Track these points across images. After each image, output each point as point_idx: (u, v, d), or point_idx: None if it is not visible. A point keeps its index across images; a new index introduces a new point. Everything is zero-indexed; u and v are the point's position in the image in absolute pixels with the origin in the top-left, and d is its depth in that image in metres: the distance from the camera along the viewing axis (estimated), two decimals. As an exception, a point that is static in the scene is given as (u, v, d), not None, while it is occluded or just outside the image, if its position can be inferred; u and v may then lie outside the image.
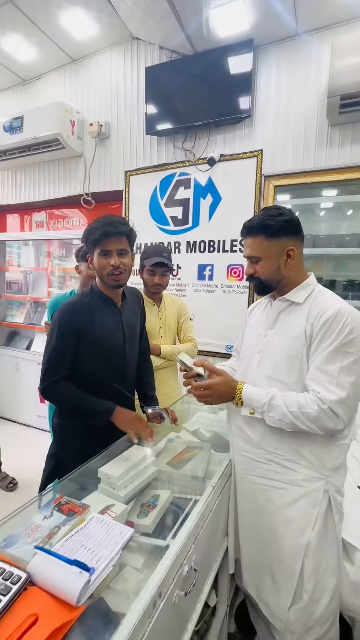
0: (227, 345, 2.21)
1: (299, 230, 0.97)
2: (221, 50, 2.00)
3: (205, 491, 0.94)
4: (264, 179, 2.06)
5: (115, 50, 2.49)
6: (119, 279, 1.12)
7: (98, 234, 1.07)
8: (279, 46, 1.97)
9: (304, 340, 0.90)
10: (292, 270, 0.97)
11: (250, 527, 1.04)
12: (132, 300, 1.30)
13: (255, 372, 1.01)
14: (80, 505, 0.78)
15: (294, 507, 0.93)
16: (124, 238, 1.11)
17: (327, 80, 1.78)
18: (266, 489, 0.97)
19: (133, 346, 1.25)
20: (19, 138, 2.67)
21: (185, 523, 0.82)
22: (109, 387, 1.18)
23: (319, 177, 1.91)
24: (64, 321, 1.10)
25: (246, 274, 1.02)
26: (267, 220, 0.93)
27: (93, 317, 1.13)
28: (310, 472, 0.92)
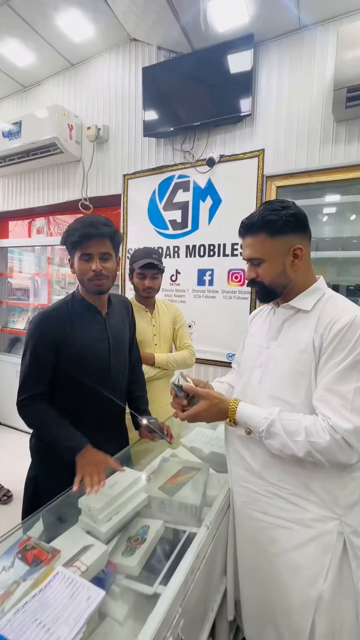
0: (229, 354, 2.10)
1: (306, 226, 0.84)
2: (220, 47, 1.93)
3: (198, 533, 0.82)
4: (265, 179, 1.97)
5: (114, 53, 2.45)
6: (100, 285, 1.02)
7: (78, 236, 0.97)
8: (280, 41, 1.89)
9: (312, 354, 0.78)
10: (299, 273, 0.84)
11: (250, 570, 0.91)
12: (119, 308, 1.20)
13: (255, 390, 0.89)
14: (49, 551, 0.67)
15: (302, 552, 0.79)
16: (107, 241, 1.01)
17: (332, 73, 1.68)
18: (269, 527, 0.84)
19: (120, 357, 1.14)
20: (18, 143, 2.64)
21: (175, 573, 0.69)
22: (94, 400, 1.08)
23: (325, 176, 1.81)
24: (38, 333, 0.99)
25: (247, 279, 0.89)
26: (269, 215, 0.81)
27: (73, 326, 1.02)
28: (321, 510, 0.78)
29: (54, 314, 1.03)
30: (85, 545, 0.75)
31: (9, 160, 2.81)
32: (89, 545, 0.76)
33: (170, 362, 1.57)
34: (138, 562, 0.81)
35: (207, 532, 0.80)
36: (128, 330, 1.22)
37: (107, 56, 2.48)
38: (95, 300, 1.08)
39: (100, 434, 1.07)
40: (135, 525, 0.94)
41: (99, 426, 1.09)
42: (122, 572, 0.81)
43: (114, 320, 1.14)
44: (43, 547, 0.67)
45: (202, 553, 0.75)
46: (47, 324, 1.00)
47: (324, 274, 0.93)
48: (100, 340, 1.07)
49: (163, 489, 1.04)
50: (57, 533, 0.81)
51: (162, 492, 1.02)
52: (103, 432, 1.10)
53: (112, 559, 0.82)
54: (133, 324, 1.28)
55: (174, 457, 1.24)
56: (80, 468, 0.92)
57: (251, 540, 0.89)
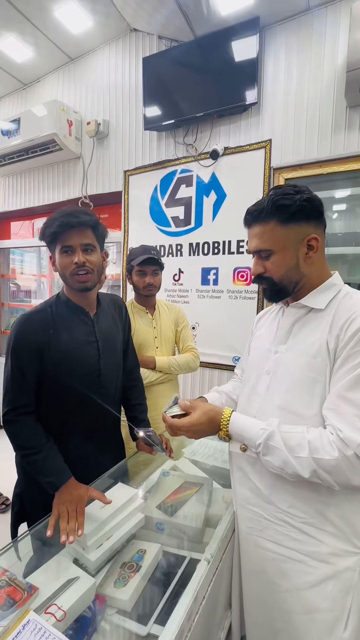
0: (234, 357, 1.99)
1: (322, 213, 0.73)
2: (224, 33, 1.83)
3: (197, 569, 0.71)
4: (273, 171, 1.85)
5: (114, 45, 2.37)
6: (85, 280, 0.91)
7: (56, 226, 0.87)
8: (288, 24, 1.77)
9: (327, 358, 0.67)
10: (313, 267, 0.74)
11: (257, 606, 0.80)
12: (110, 308, 1.09)
13: (263, 399, 0.78)
14: (25, 589, 0.58)
15: (318, 592, 0.68)
16: (88, 231, 0.92)
17: (344, 55, 1.57)
18: (279, 558, 0.73)
19: (112, 362, 1.04)
20: (17, 141, 2.58)
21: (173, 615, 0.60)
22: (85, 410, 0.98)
23: (337, 167, 1.69)
24: (20, 338, 0.90)
25: (253, 274, 0.77)
26: (281, 199, 0.70)
27: (57, 329, 0.93)
28: (340, 543, 0.67)
29: (36, 316, 0.93)
30: (69, 578, 0.67)
31: (9, 159, 2.75)
32: (73, 579, 0.67)
33: (173, 365, 1.47)
34: (131, 595, 0.72)
35: (208, 567, 0.70)
36: (121, 332, 1.12)
37: (107, 48, 2.40)
38: (82, 300, 0.98)
39: (93, 447, 0.98)
40: (130, 549, 0.85)
41: (90, 438, 1.00)
42: (113, 606, 0.72)
43: (104, 322, 1.04)
44: (18, 584, 0.59)
45: (201, 593, 0.66)
46: (29, 328, 0.91)
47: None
48: (88, 344, 0.98)
49: (162, 507, 0.95)
50: (41, 561, 0.73)
51: (160, 512, 0.94)
52: (95, 444, 1.01)
53: (103, 590, 0.74)
54: (128, 325, 1.18)
55: (175, 471, 1.15)
56: (55, 507, 0.82)
57: (258, 572, 0.78)
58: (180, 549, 0.86)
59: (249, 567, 0.81)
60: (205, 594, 0.67)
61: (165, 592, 0.73)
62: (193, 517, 0.90)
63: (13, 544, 0.78)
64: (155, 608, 0.71)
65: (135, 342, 1.48)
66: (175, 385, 1.61)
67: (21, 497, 1.02)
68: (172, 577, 0.77)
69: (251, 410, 0.80)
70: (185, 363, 1.50)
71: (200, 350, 1.65)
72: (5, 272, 3.50)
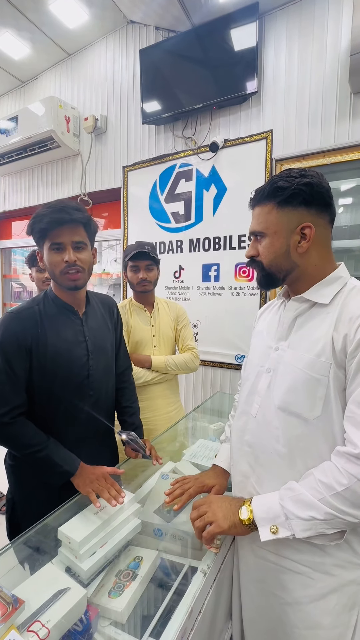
0: (237, 355, 1.94)
1: (326, 202, 0.68)
2: (222, 20, 1.77)
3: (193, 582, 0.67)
4: (275, 163, 1.79)
5: (110, 39, 2.33)
6: (75, 279, 0.88)
7: (46, 222, 0.83)
8: (288, 9, 1.71)
9: (331, 358, 0.62)
10: (307, 258, 0.69)
11: (257, 617, 0.76)
12: (100, 308, 1.06)
13: (263, 399, 0.73)
14: (11, 602, 0.55)
15: (320, 607, 0.63)
16: (80, 228, 0.88)
17: (348, 39, 1.50)
18: (279, 569, 0.69)
19: (101, 363, 1.00)
20: (15, 139, 2.56)
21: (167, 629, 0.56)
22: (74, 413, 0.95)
23: (342, 156, 1.62)
24: (8, 336, 0.86)
25: (246, 257, 0.75)
26: (280, 181, 0.66)
27: (45, 328, 0.89)
28: (346, 554, 0.62)
29: (23, 314, 0.89)
30: (59, 589, 0.63)
31: (8, 158, 2.74)
32: (63, 590, 0.63)
33: (170, 365, 1.43)
34: (126, 605, 0.69)
35: (204, 579, 0.66)
36: (112, 332, 1.08)
37: (104, 42, 2.36)
38: (71, 298, 0.95)
39: (84, 452, 0.94)
40: (126, 555, 0.81)
41: (81, 444, 0.96)
42: (107, 617, 0.69)
43: (94, 322, 1.00)
44: (3, 597, 0.55)
45: (197, 608, 0.62)
46: (17, 326, 0.87)
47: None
48: (77, 344, 0.94)
49: (160, 512, 0.91)
50: (31, 570, 0.70)
51: (158, 517, 0.90)
52: (87, 450, 0.97)
53: (97, 599, 0.70)
54: (120, 326, 1.14)
55: (174, 473, 1.11)
56: (83, 488, 0.85)
57: (258, 581, 0.74)
58: (179, 555, 0.82)
59: (248, 576, 0.77)
60: (201, 608, 0.63)
61: (163, 600, 0.69)
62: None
63: (0, 552, 0.75)
64: (152, 619, 0.67)
65: (132, 341, 1.45)
66: (175, 385, 1.57)
67: (12, 503, 0.99)
68: (170, 586, 0.73)
69: (251, 411, 0.76)
70: (183, 363, 1.45)
71: (201, 349, 1.61)
72: (6, 272, 3.49)
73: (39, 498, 0.85)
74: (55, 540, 0.76)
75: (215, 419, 1.51)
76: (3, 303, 3.50)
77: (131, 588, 0.72)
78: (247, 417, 0.77)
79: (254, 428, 0.74)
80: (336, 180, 1.80)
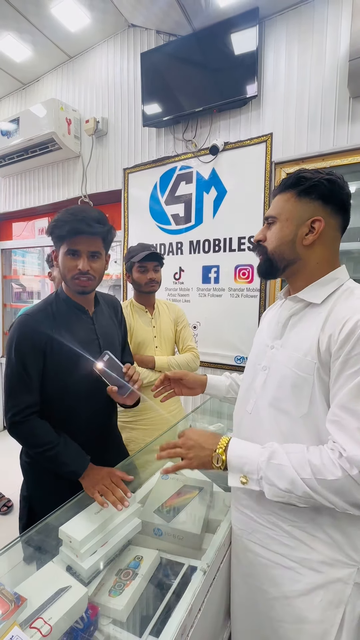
0: (236, 357, 1.95)
1: (343, 205, 0.69)
2: (222, 25, 1.79)
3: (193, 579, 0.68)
4: (274, 166, 1.81)
5: (112, 42, 2.35)
6: (85, 286, 0.91)
7: (66, 230, 0.86)
8: (288, 14, 1.72)
9: (316, 358, 0.63)
10: (311, 253, 0.69)
11: (245, 611, 0.77)
12: (107, 307, 1.09)
13: (258, 396, 0.75)
14: (12, 600, 0.56)
15: (307, 602, 0.64)
16: (98, 239, 0.91)
17: (347, 44, 1.52)
18: (268, 564, 0.70)
19: None
20: (17, 140, 2.58)
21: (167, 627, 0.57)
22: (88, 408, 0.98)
23: (340, 160, 1.64)
24: (23, 336, 0.89)
25: (254, 240, 0.76)
26: (305, 172, 0.69)
27: (59, 328, 0.92)
28: (333, 552, 0.63)
29: (38, 315, 0.92)
30: (60, 587, 0.64)
31: (9, 159, 2.75)
32: (65, 588, 0.64)
33: (172, 365, 1.45)
34: (126, 604, 0.69)
35: (204, 577, 0.67)
36: (118, 330, 1.11)
37: (105, 45, 2.38)
38: (81, 298, 0.98)
39: (98, 447, 0.97)
40: (126, 555, 0.82)
41: (94, 439, 0.99)
42: (107, 615, 0.70)
43: (103, 320, 1.04)
44: (5, 595, 0.56)
45: (196, 606, 0.62)
46: (31, 327, 0.90)
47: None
48: (89, 343, 0.97)
49: (160, 513, 0.92)
50: (32, 568, 0.71)
51: (158, 517, 0.91)
52: (100, 444, 1.00)
53: (98, 598, 0.71)
54: (123, 324, 1.17)
55: (174, 474, 1.12)
56: (90, 489, 0.85)
57: (246, 576, 0.75)
58: (179, 555, 0.83)
59: (238, 571, 0.78)
60: (200, 606, 0.64)
61: (163, 599, 0.70)
62: (192, 522, 0.87)
63: (3, 550, 0.75)
64: (152, 618, 0.68)
65: (134, 342, 1.46)
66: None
67: (29, 500, 1.00)
68: (170, 585, 0.74)
69: (247, 407, 0.78)
70: (185, 363, 1.47)
71: (201, 350, 1.62)
72: (7, 273, 3.50)
73: (55, 496, 0.87)
74: (57, 540, 0.77)
75: (215, 420, 1.53)
76: (3, 304, 3.50)
77: (131, 587, 0.73)
78: (243, 414, 0.79)
79: (249, 424, 0.76)
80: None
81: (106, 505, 0.80)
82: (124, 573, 0.77)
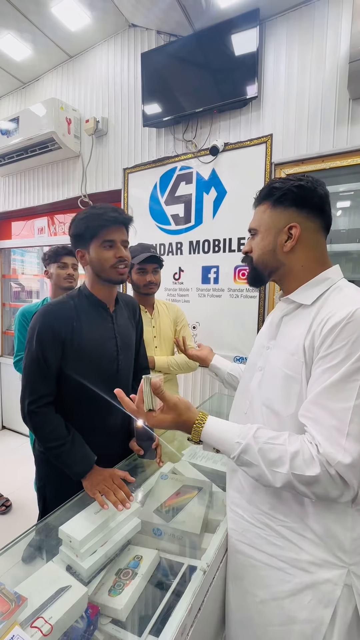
0: (236, 357, 1.96)
1: (317, 206, 0.70)
2: (223, 26, 1.79)
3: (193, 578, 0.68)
4: (274, 167, 1.81)
5: (112, 42, 2.34)
6: (123, 273, 0.95)
7: (104, 220, 0.90)
8: (288, 15, 1.73)
9: (302, 356, 0.63)
10: (292, 258, 0.71)
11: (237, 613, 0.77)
12: (126, 307, 1.11)
13: (253, 396, 0.76)
14: (13, 599, 0.56)
15: (296, 602, 0.64)
16: (124, 230, 0.96)
17: (347, 46, 1.52)
18: (258, 565, 0.70)
19: (127, 359, 1.05)
20: (16, 140, 2.57)
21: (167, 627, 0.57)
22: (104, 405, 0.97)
23: (340, 161, 1.64)
24: (44, 326, 0.90)
25: (242, 252, 0.80)
26: (276, 183, 0.71)
27: (81, 322, 0.94)
28: (322, 553, 0.63)
29: (59, 307, 0.94)
30: (60, 587, 0.64)
31: (9, 159, 2.74)
32: (65, 588, 0.64)
33: (172, 365, 1.45)
34: (126, 603, 0.70)
35: (204, 577, 0.67)
36: (134, 330, 1.13)
37: (106, 45, 2.38)
38: (105, 295, 1.00)
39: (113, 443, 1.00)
40: (126, 555, 0.83)
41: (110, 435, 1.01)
42: (107, 615, 0.70)
43: (121, 320, 1.06)
44: (6, 594, 0.56)
45: (196, 605, 0.63)
46: (53, 318, 0.91)
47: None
48: (109, 340, 0.99)
49: (159, 512, 0.93)
50: (32, 568, 0.71)
51: (158, 517, 0.91)
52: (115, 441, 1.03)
53: (97, 598, 0.71)
54: (140, 326, 1.19)
55: (174, 474, 1.12)
56: (91, 490, 0.87)
57: (239, 577, 0.75)
58: (179, 555, 0.83)
59: (231, 572, 0.79)
60: (200, 605, 0.64)
61: (163, 599, 0.70)
62: (192, 522, 0.87)
63: (3, 550, 0.75)
64: (151, 617, 0.68)
65: (134, 342, 1.47)
66: (175, 385, 1.59)
67: (43, 491, 1.02)
68: (169, 585, 0.74)
69: (242, 407, 0.79)
70: (184, 363, 1.47)
71: (200, 350, 1.63)
72: (6, 272, 3.49)
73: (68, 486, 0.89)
74: (57, 539, 0.77)
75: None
76: (2, 303, 3.50)
77: (131, 586, 0.73)
78: (239, 414, 0.80)
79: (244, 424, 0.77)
80: (334, 185, 1.83)
81: (107, 507, 0.80)
82: (124, 573, 0.77)
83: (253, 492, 0.71)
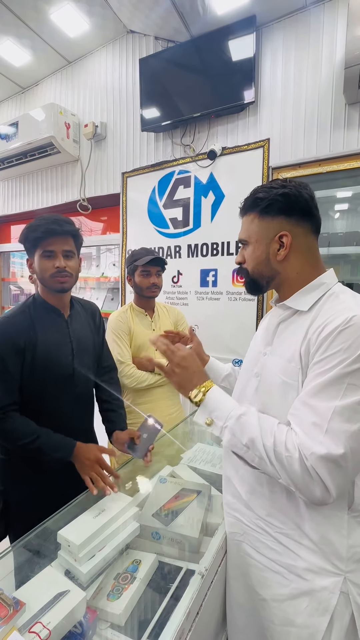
0: (234, 360, 1.96)
1: (305, 211, 0.69)
2: (220, 32, 1.81)
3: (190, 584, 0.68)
4: (271, 171, 1.83)
5: (110, 47, 2.37)
6: (63, 282, 0.97)
7: (41, 232, 0.93)
8: (284, 22, 1.75)
9: (299, 363, 0.63)
10: (287, 266, 0.70)
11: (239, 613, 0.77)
12: (83, 312, 1.14)
13: (250, 403, 0.76)
14: (11, 605, 0.56)
15: (294, 606, 0.64)
16: (70, 239, 0.98)
17: (342, 52, 1.54)
18: (258, 566, 0.71)
19: (84, 363, 1.07)
20: (16, 144, 2.59)
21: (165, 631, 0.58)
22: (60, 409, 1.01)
23: (336, 165, 1.66)
24: (5, 339, 0.93)
25: (236, 263, 0.80)
26: (259, 192, 0.70)
27: (36, 330, 0.97)
28: (317, 559, 0.63)
29: (17, 319, 0.98)
30: (59, 592, 0.64)
31: (8, 163, 2.76)
32: (63, 592, 0.64)
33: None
34: (125, 608, 0.70)
35: (202, 581, 0.67)
36: (94, 334, 1.16)
37: (104, 51, 2.40)
38: (57, 301, 1.04)
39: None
40: (124, 559, 0.83)
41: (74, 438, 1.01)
42: (106, 620, 0.70)
43: (77, 324, 1.09)
44: (4, 599, 0.56)
45: (194, 609, 0.63)
46: (12, 329, 0.95)
47: (337, 273, 0.79)
48: (63, 345, 1.02)
49: (158, 516, 0.93)
50: (31, 573, 0.71)
51: (156, 521, 0.91)
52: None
53: (96, 602, 0.71)
54: (102, 329, 1.21)
55: (172, 477, 1.12)
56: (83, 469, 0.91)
57: (240, 577, 0.76)
58: (177, 558, 0.83)
59: (232, 573, 0.79)
60: (198, 609, 0.64)
61: (161, 603, 0.70)
62: (190, 526, 0.88)
63: (1, 555, 0.75)
64: (150, 622, 0.68)
65: (134, 344, 1.47)
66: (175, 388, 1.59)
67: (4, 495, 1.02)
68: (168, 589, 0.74)
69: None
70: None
71: (199, 353, 1.63)
72: (5, 275, 3.50)
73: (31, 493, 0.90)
74: (55, 544, 0.77)
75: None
76: (1, 306, 3.50)
77: (130, 591, 0.73)
78: None
79: None
80: (331, 189, 1.84)
81: (95, 492, 0.85)
82: (123, 577, 0.77)
83: (250, 499, 0.72)
